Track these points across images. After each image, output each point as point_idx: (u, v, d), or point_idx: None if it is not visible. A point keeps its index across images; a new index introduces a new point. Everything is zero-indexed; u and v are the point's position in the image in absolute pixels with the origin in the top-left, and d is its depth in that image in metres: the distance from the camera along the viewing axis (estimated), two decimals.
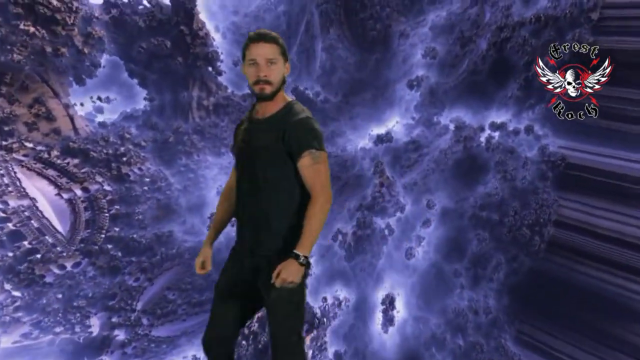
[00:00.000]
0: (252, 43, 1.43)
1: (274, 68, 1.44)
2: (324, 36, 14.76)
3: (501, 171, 8.67)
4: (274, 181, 1.49)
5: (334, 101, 14.77)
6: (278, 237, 1.50)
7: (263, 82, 1.42)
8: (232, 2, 18.54)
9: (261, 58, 1.42)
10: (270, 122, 1.49)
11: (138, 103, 12.00)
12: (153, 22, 10.14)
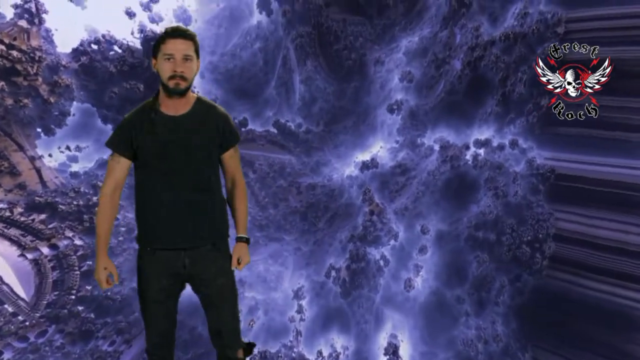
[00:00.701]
0: (169, 38, 1.41)
1: (189, 65, 1.43)
2: (301, 69, 14.81)
3: (492, 188, 8.37)
4: (209, 173, 1.51)
5: (316, 131, 14.60)
6: (216, 224, 1.54)
7: (179, 77, 1.40)
8: (208, 42, 18.68)
9: (179, 53, 1.41)
10: (198, 117, 1.48)
11: None
12: (125, 66, 9.87)
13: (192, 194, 1.50)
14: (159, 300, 1.55)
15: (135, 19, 10.48)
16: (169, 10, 12.22)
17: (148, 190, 1.50)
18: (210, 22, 17.21)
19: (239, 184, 1.62)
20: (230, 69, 17.34)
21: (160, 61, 1.43)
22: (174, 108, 1.49)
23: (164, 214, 1.50)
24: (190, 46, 1.45)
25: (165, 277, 1.52)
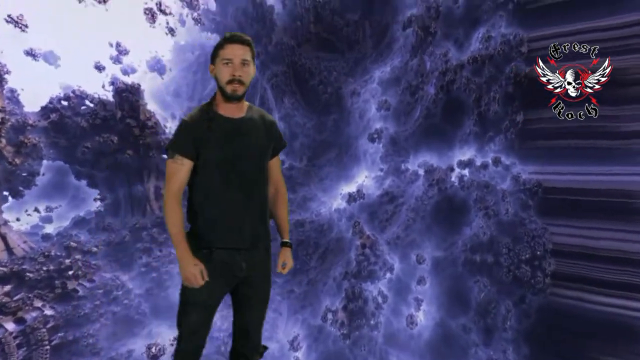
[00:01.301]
0: (227, 43, 1.44)
1: (247, 69, 1.46)
2: (279, 107, 14.87)
3: (482, 208, 8.15)
4: (264, 176, 1.53)
5: (299, 167, 14.42)
6: (267, 227, 1.55)
7: (237, 81, 1.43)
8: (186, 89, 18.77)
9: (237, 58, 1.44)
10: (255, 121, 1.52)
11: (90, 205, 10.97)
12: (97, 120, 9.57)
13: (251, 196, 1.51)
14: (208, 304, 1.52)
15: (106, 72, 10.33)
16: (142, 61, 12.18)
17: (209, 190, 1.49)
18: (186, 69, 17.33)
19: (282, 189, 1.65)
20: None
21: (218, 66, 1.46)
22: (231, 112, 1.52)
23: (225, 213, 1.49)
24: (247, 51, 1.48)
25: (219, 279, 1.50)
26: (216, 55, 1.47)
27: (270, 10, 12.30)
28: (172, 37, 9.91)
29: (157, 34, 9.86)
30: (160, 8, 8.89)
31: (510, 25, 10.13)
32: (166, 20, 9.38)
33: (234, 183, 1.49)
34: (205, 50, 16.98)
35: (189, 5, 9.60)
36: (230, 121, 1.50)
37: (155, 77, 13.43)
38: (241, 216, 1.49)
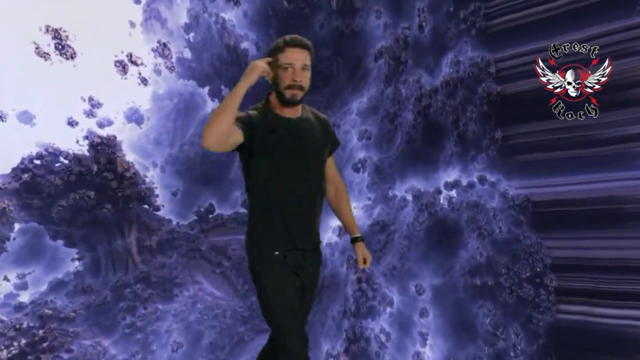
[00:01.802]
0: (288, 47, 1.44)
1: (306, 74, 1.46)
2: None
3: (475, 228, 7.96)
4: (321, 177, 1.56)
5: None
6: (318, 229, 1.56)
7: (297, 87, 1.44)
8: (166, 137, 18.59)
9: (298, 63, 1.44)
10: (311, 121, 1.54)
11: (68, 265, 10.31)
12: (71, 176, 9.20)
13: (311, 196, 1.48)
14: (293, 303, 1.47)
15: (81, 127, 10.09)
16: (118, 112, 12.03)
17: (272, 193, 1.43)
18: (165, 117, 17.24)
19: (342, 187, 1.63)
20: (191, 157, 17.03)
21: (277, 70, 1.42)
22: (288, 113, 1.49)
23: (289, 213, 1.44)
24: (307, 56, 1.45)
25: (293, 277, 1.47)
26: (274, 58, 1.43)
27: (245, 54, 12.49)
28: (146, 86, 9.83)
29: (130, 85, 9.79)
30: (131, 59, 8.89)
31: (475, 49, 10.49)
32: (138, 71, 9.35)
33: (295, 185, 1.44)
34: (183, 97, 17.01)
35: (161, 54, 9.67)
36: (289, 121, 1.47)
37: (133, 128, 13.23)
38: (303, 218, 1.46)
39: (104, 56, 8.51)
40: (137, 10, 13.21)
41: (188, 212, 12.63)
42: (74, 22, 7.79)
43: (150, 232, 11.00)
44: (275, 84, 1.45)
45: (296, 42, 1.42)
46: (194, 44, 12.75)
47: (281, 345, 1.42)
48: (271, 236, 1.45)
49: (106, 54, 8.62)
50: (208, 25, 12.38)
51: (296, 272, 1.46)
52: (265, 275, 1.46)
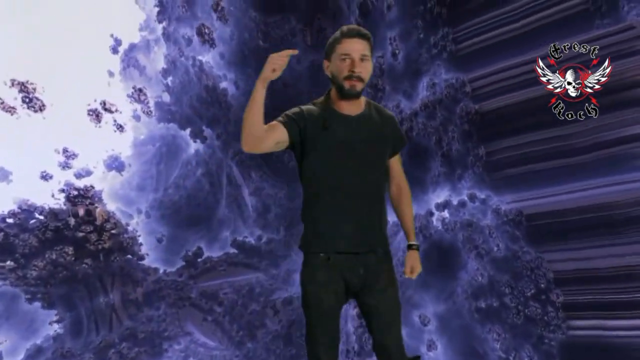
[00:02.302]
0: (345, 38, 1.38)
1: (366, 65, 1.38)
2: (248, 182, 14.56)
3: (472, 248, 7.69)
4: (382, 176, 1.47)
5: (278, 238, 13.74)
6: (384, 231, 1.47)
7: (356, 78, 1.36)
8: (150, 182, 18.21)
9: (356, 53, 1.36)
10: (372, 118, 1.45)
11: (47, 329, 9.50)
12: (47, 233, 8.66)
13: (367, 197, 1.41)
14: (332, 310, 1.40)
15: (58, 179, 9.67)
16: (98, 161, 11.69)
17: (322, 192, 1.38)
18: (148, 162, 16.95)
19: (405, 189, 1.56)
20: (176, 201, 16.56)
21: (334, 62, 1.39)
22: (348, 109, 1.43)
23: (340, 215, 1.38)
24: (366, 46, 1.38)
25: (339, 283, 1.40)
26: (332, 50, 1.39)
27: (224, 93, 12.52)
28: (123, 133, 9.61)
29: (106, 133, 9.56)
30: (105, 107, 8.71)
31: (449, 71, 10.72)
32: (113, 118, 9.16)
33: (348, 184, 1.38)
34: (165, 140, 16.82)
35: (137, 100, 9.54)
36: (346, 118, 1.41)
37: (115, 176, 12.85)
38: (356, 218, 1.39)
39: (76, 104, 8.32)
40: (115, 60, 13.30)
41: (175, 258, 12.05)
42: (42, 74, 7.65)
43: (135, 284, 10.33)
44: (333, 77, 1.38)
45: (353, 32, 1.35)
46: (173, 87, 12.75)
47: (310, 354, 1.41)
48: (321, 238, 1.40)
49: (78, 103, 8.44)
50: (186, 69, 12.44)
51: (344, 276, 1.38)
52: (312, 281, 1.42)
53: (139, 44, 13.86)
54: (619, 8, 7.15)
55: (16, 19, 7.36)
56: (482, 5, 9.20)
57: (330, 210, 1.39)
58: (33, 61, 7.56)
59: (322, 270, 1.40)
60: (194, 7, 11.08)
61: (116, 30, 13.34)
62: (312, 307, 1.40)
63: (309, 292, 1.40)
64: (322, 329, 1.41)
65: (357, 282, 1.40)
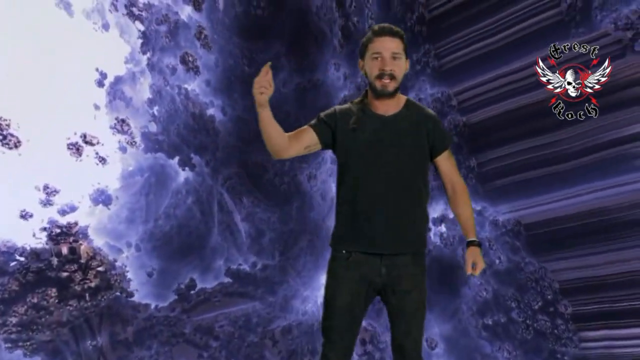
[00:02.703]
0: (376, 37, 1.40)
1: (398, 63, 1.40)
2: (240, 207, 14.26)
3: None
4: (416, 178, 1.45)
5: (273, 264, 13.33)
6: (417, 234, 1.47)
7: (388, 76, 1.38)
8: (139, 214, 17.75)
9: (387, 51, 1.38)
10: (409, 118, 1.44)
11: None
12: (28, 275, 8.15)
13: (397, 198, 1.41)
14: (347, 308, 1.43)
15: (41, 217, 9.23)
16: (84, 196, 11.26)
17: (350, 190, 1.41)
18: (137, 193, 16.55)
19: (460, 187, 1.55)
20: (167, 231, 16.08)
21: (367, 61, 1.40)
22: (383, 108, 1.44)
23: (364, 214, 1.40)
24: (399, 44, 1.39)
25: (358, 282, 1.43)
26: (365, 50, 1.41)
27: (211, 120, 12.39)
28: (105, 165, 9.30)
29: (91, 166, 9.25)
30: (86, 140, 8.44)
31: (434, 86, 10.78)
32: (94, 150, 8.88)
33: (377, 183, 1.38)
34: (153, 171, 16.49)
35: (120, 131, 9.31)
36: (380, 118, 1.41)
37: (102, 210, 12.39)
38: (382, 218, 1.38)
39: (55, 139, 8.04)
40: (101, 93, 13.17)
41: (167, 292, 11.50)
42: (16, 110, 7.41)
43: (124, 323, 9.74)
44: (367, 77, 1.41)
45: (385, 30, 1.36)
46: (159, 117, 12.59)
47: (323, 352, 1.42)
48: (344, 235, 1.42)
49: (57, 138, 8.16)
50: (171, 98, 12.32)
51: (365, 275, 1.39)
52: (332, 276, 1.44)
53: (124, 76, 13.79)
54: (592, 17, 7.31)
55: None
56: (460, 22, 9.41)
57: (357, 211, 1.40)
58: (7, 97, 7.33)
59: (341, 266, 1.43)
60: (177, 37, 11.07)
61: (101, 64, 13.28)
62: (326, 301, 1.43)
63: (326, 286, 1.43)
64: (332, 325, 1.41)
65: (379, 282, 1.41)
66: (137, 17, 11.52)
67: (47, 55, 8.71)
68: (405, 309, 1.43)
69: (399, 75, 1.39)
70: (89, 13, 11.58)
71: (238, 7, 11.85)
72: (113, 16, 11.52)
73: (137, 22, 11.67)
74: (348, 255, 1.43)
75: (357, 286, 1.42)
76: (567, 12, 7.48)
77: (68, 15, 10.67)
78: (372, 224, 1.40)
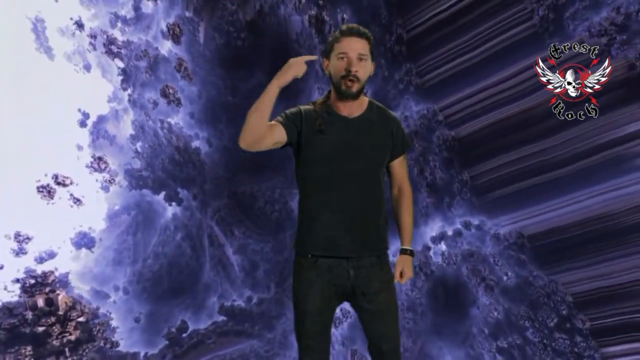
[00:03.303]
0: (343, 37, 1.38)
1: (363, 64, 1.37)
2: (231, 240, 13.65)
3: (479, 281, 6.97)
4: (378, 179, 1.46)
5: (269, 297, 12.61)
6: (380, 235, 1.47)
7: (352, 77, 1.35)
8: (127, 253, 16.97)
9: (353, 52, 1.36)
10: (372, 120, 1.43)
11: None
12: (0, 333, 7.35)
13: (359, 200, 1.40)
14: (317, 312, 1.42)
15: (17, 267, 8.51)
16: (64, 241, 10.60)
17: (312, 195, 1.39)
18: (124, 233, 15.85)
19: (406, 192, 1.54)
20: (156, 271, 15.28)
21: (332, 61, 1.38)
22: (347, 110, 1.41)
23: (328, 219, 1.39)
24: (365, 45, 1.36)
25: (327, 286, 1.42)
26: (331, 49, 1.39)
27: (197, 152, 12.02)
28: (80, 207, 8.75)
29: (65, 209, 8.69)
30: (58, 181, 7.93)
31: (419, 103, 10.69)
32: (68, 191, 8.35)
33: (339, 186, 1.37)
34: (141, 208, 15.87)
35: (96, 169, 8.84)
36: (343, 120, 1.39)
37: (86, 254, 11.68)
38: (346, 222, 1.37)
39: (23, 181, 7.53)
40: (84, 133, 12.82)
41: (157, 337, 10.64)
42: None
43: None
44: (331, 76, 1.38)
45: (352, 31, 1.34)
46: (142, 152, 12.18)
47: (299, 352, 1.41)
48: (308, 240, 1.39)
49: (26, 178, 7.64)
50: (155, 132, 11.96)
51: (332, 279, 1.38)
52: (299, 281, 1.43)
53: (107, 115, 13.52)
54: (565, 27, 7.45)
55: None
56: (438, 40, 9.53)
57: (320, 213, 1.38)
58: None
59: (308, 271, 1.41)
60: (157, 71, 10.86)
61: (84, 104, 13.05)
62: (296, 307, 1.41)
63: (294, 291, 1.42)
64: (305, 331, 1.40)
65: (348, 285, 1.40)
66: (116, 55, 11.34)
67: (29, 101, 8.39)
68: (378, 312, 1.42)
69: (364, 77, 1.35)
70: (70, 55, 11.42)
71: (219, 39, 11.80)
72: (94, 56, 11.35)
73: (117, 60, 11.49)
74: (315, 260, 1.41)
75: (326, 290, 1.40)
76: (540, 24, 7.63)
77: (49, 59, 10.52)
78: (336, 229, 1.37)
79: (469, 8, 8.41)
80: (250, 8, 11.49)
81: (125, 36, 11.35)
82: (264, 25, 11.76)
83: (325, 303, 1.43)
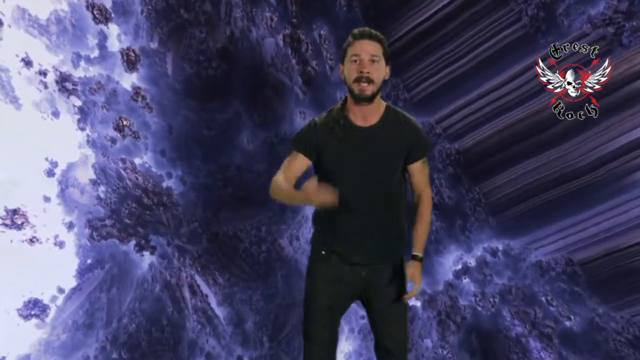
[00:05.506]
0: (355, 40, 1.33)
1: (376, 66, 1.32)
2: (215, 289, 11.62)
3: (530, 329, 5.10)
4: (396, 188, 1.41)
5: (263, 354, 10.45)
6: (398, 243, 1.43)
7: (365, 79, 1.30)
8: (100, 314, 14.62)
9: (365, 54, 1.31)
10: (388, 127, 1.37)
11: None
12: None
13: (375, 210, 1.35)
14: (327, 309, 1.39)
15: None
16: (9, 312, 8.35)
17: None
18: (97, 289, 13.58)
19: (426, 198, 1.47)
20: (133, 333, 12.90)
21: (346, 65, 1.32)
22: (362, 117, 1.35)
23: (343, 228, 1.36)
24: (378, 48, 1.31)
25: (338, 284, 1.39)
26: (344, 54, 1.34)
27: (169, 193, 10.16)
28: None
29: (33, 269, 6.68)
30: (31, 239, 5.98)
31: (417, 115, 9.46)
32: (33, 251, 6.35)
33: (355, 196, 1.30)
34: (116, 259, 13.63)
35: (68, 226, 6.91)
36: (359, 129, 1.32)
37: (38, 324, 9.41)
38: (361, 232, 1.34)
39: None
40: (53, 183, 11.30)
41: None
42: None
43: None
44: (346, 81, 1.29)
45: (364, 33, 1.28)
46: (106, 199, 10.26)
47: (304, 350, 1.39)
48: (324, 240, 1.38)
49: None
50: (118, 175, 10.10)
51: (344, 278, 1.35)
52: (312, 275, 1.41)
53: (76, 162, 11.80)
54: (559, 24, 6.63)
55: None
56: (422, 51, 8.64)
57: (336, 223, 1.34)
58: None
59: (321, 267, 1.38)
60: (116, 105, 9.15)
61: (53, 153, 11.55)
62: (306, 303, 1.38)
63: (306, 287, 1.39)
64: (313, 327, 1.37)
65: (361, 284, 1.37)
66: (70, 92, 9.68)
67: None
68: (387, 311, 1.37)
69: (378, 79, 1.27)
70: (37, 103, 10.00)
71: (188, 69, 10.28)
72: (63, 103, 9.91)
73: (72, 97, 9.81)
74: (329, 255, 1.37)
75: (336, 288, 1.36)
76: (530, 24, 6.80)
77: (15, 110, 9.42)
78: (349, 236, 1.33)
79: (451, 16, 7.52)
80: (220, 34, 10.11)
81: (83, 72, 9.78)
82: (237, 51, 10.37)
83: (334, 301, 1.37)
